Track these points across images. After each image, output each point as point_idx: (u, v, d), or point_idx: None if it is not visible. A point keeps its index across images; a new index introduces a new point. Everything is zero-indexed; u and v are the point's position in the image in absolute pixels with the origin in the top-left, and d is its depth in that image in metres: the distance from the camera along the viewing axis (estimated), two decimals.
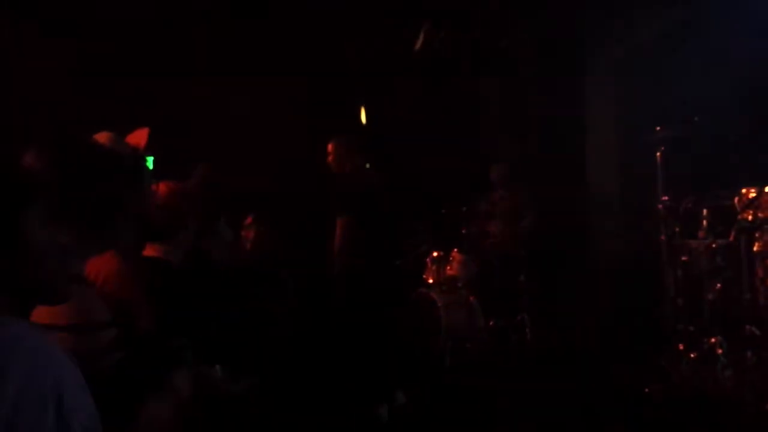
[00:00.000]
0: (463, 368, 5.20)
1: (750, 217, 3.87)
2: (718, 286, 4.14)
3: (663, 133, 4.34)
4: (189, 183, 2.57)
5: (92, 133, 2.04)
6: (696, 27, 5.32)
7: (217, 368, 2.23)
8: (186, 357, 1.95)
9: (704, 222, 4.18)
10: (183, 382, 1.81)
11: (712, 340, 4.07)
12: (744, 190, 3.93)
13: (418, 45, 6.21)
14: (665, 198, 4.35)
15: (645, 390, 4.05)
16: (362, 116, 6.70)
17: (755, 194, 3.87)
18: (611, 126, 6.49)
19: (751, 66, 4.76)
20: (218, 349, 2.27)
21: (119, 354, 1.65)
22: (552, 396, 4.31)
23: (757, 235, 3.91)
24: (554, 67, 6.57)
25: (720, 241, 4.12)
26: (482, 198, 6.41)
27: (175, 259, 2.36)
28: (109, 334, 1.65)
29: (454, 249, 5.85)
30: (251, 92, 6.33)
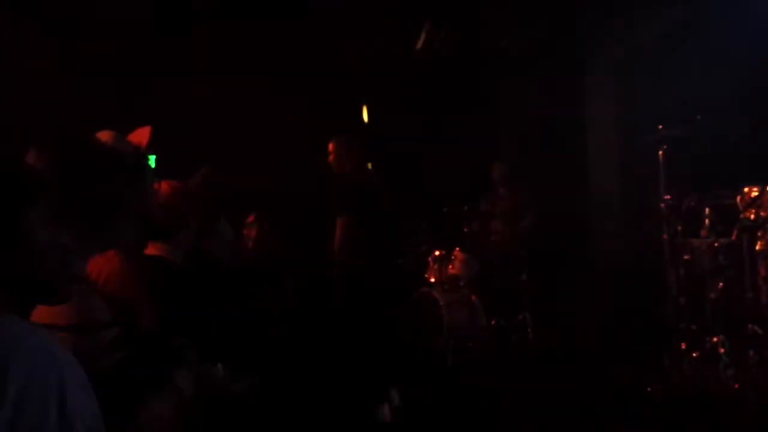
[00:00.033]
0: (465, 367, 5.19)
1: (752, 216, 3.87)
2: (721, 285, 4.14)
3: (665, 132, 4.33)
4: (191, 183, 2.56)
5: (93, 133, 2.03)
6: (696, 27, 5.32)
7: (219, 367, 2.22)
8: (187, 356, 1.94)
9: (706, 221, 4.17)
10: (184, 382, 1.81)
11: (715, 339, 4.07)
12: (746, 189, 3.92)
13: (420, 44, 6.21)
14: (667, 197, 4.34)
15: (647, 389, 4.05)
16: (364, 115, 6.69)
17: (757, 193, 3.86)
18: (612, 125, 6.49)
19: (753, 65, 4.75)
20: (219, 349, 2.26)
21: (119, 354, 1.64)
22: (553, 395, 4.31)
23: (760, 234, 3.90)
24: (555, 67, 6.57)
25: (722, 240, 4.11)
26: (484, 197, 6.41)
27: (177, 258, 2.36)
28: (110, 334, 1.64)
29: (456, 248, 5.84)
30: (251, 92, 6.33)
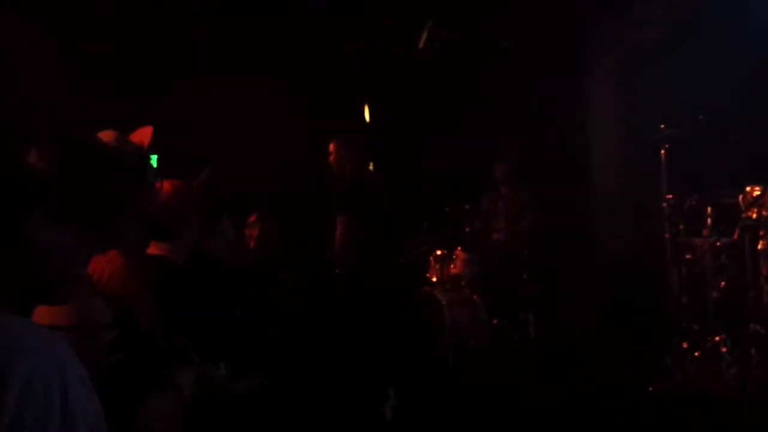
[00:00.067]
0: (467, 367, 5.18)
1: (754, 215, 3.85)
2: (723, 285, 4.14)
3: (667, 132, 4.33)
4: (193, 184, 2.56)
5: (95, 133, 2.02)
6: (697, 26, 5.31)
7: (221, 367, 2.21)
8: (188, 356, 1.94)
9: (708, 220, 4.17)
10: (185, 382, 1.80)
11: (716, 339, 4.07)
12: (748, 188, 3.90)
13: (422, 43, 6.20)
14: (669, 196, 4.34)
15: (648, 388, 4.05)
16: (366, 114, 6.68)
17: (759, 192, 3.85)
18: (613, 125, 6.48)
19: (754, 64, 4.75)
20: (221, 349, 2.26)
21: (119, 354, 1.64)
22: (555, 394, 4.31)
23: (762, 233, 3.88)
24: (555, 67, 6.57)
25: (724, 240, 4.11)
26: (485, 196, 6.40)
27: (179, 258, 2.35)
28: (110, 335, 1.63)
29: (458, 247, 5.83)
30: (251, 92, 6.33)
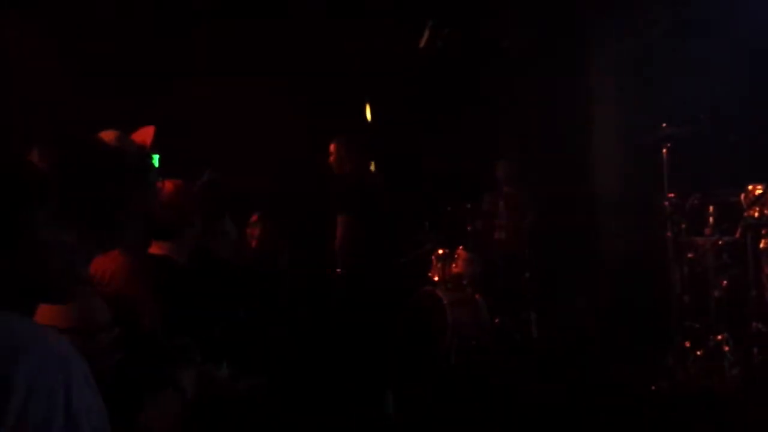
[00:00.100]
0: (469, 366, 5.18)
1: (756, 214, 3.87)
2: (725, 284, 4.14)
3: (668, 131, 4.33)
4: (195, 184, 2.56)
5: (96, 133, 2.02)
6: (697, 26, 5.32)
7: (223, 366, 2.21)
8: (190, 356, 1.93)
9: (710, 219, 4.17)
10: (188, 381, 1.80)
11: (719, 338, 4.07)
12: (750, 187, 3.92)
13: (423, 43, 6.19)
14: (671, 195, 4.34)
15: (651, 387, 4.04)
16: (367, 114, 6.67)
17: (761, 191, 3.86)
18: (614, 124, 6.48)
19: (755, 63, 4.75)
20: (223, 348, 2.25)
21: (120, 355, 1.63)
22: (557, 394, 4.30)
23: (764, 232, 3.91)
24: (556, 67, 6.56)
25: (726, 238, 4.11)
26: (487, 196, 6.39)
27: (181, 258, 2.35)
28: (110, 336, 1.63)
29: (460, 246, 5.82)
30: (251, 92, 6.32)
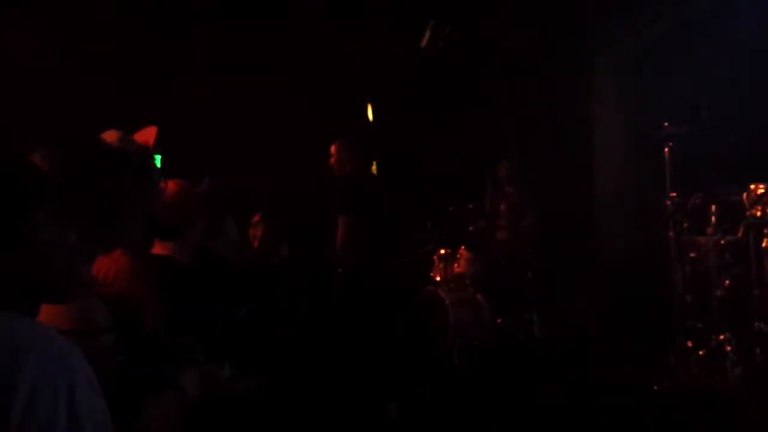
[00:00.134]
0: (471, 366, 5.17)
1: (759, 214, 3.86)
2: (727, 283, 4.13)
3: (671, 130, 4.33)
4: (198, 187, 2.56)
5: (98, 133, 2.02)
6: (698, 26, 5.32)
7: (226, 366, 2.20)
8: (193, 356, 1.93)
9: (713, 218, 4.16)
10: (190, 381, 1.79)
11: (721, 337, 4.06)
12: (753, 186, 3.91)
13: (424, 42, 6.18)
14: (673, 194, 4.33)
15: (653, 387, 4.04)
16: (369, 114, 6.66)
17: (764, 190, 3.86)
18: (615, 124, 6.48)
19: (756, 63, 4.75)
20: (225, 348, 2.25)
21: (120, 356, 1.63)
22: (560, 394, 4.30)
23: (766, 231, 3.90)
24: (556, 67, 6.56)
25: (728, 238, 4.11)
26: (489, 196, 6.39)
27: (184, 258, 2.34)
28: (110, 337, 1.63)
29: (462, 247, 5.82)
30: (251, 92, 6.31)
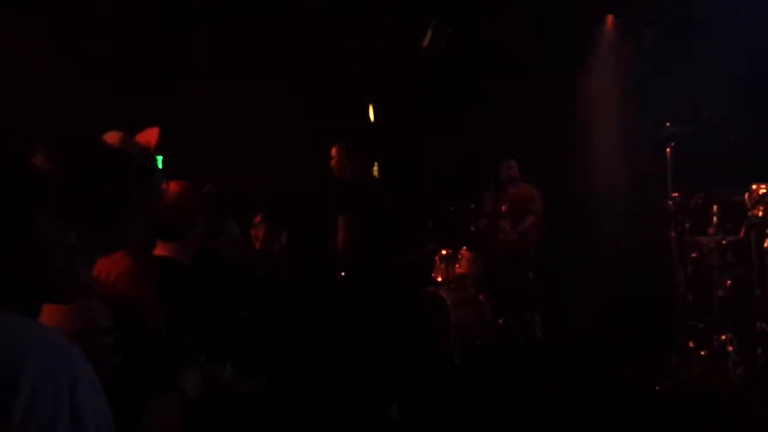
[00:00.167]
0: (472, 366, 5.17)
1: (760, 214, 3.87)
2: (728, 283, 4.14)
3: (672, 130, 4.33)
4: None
5: (99, 133, 2.01)
6: (698, 26, 5.32)
7: (228, 366, 2.20)
8: (195, 356, 1.92)
9: (714, 218, 4.17)
10: (192, 382, 1.79)
11: (723, 337, 4.07)
12: (754, 187, 3.92)
13: (426, 42, 6.17)
14: (675, 195, 4.33)
15: (655, 387, 4.04)
16: (370, 114, 6.66)
17: (765, 190, 3.86)
18: (615, 124, 6.48)
19: (757, 62, 4.75)
20: (227, 349, 2.24)
21: (121, 358, 1.62)
22: (561, 394, 4.30)
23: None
24: (556, 67, 6.56)
25: (730, 238, 4.11)
26: (490, 196, 6.38)
27: (185, 258, 2.34)
28: (110, 339, 1.62)
29: (463, 247, 5.81)
30: (251, 92, 6.30)
